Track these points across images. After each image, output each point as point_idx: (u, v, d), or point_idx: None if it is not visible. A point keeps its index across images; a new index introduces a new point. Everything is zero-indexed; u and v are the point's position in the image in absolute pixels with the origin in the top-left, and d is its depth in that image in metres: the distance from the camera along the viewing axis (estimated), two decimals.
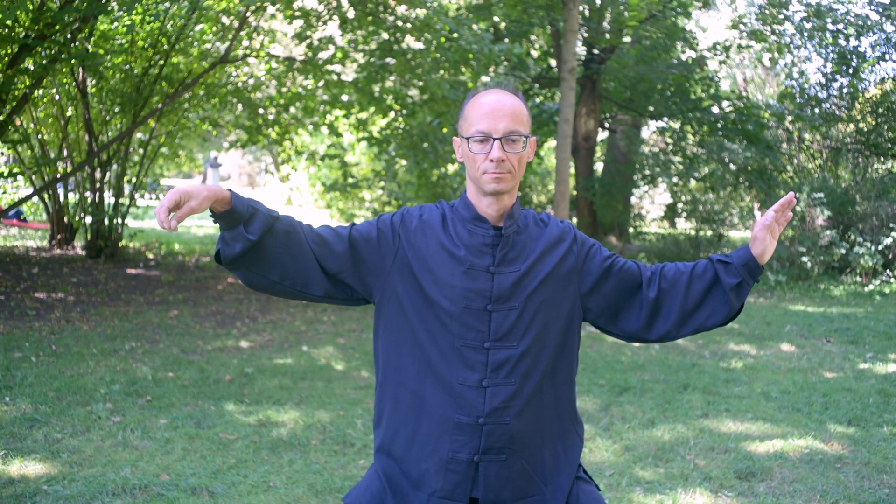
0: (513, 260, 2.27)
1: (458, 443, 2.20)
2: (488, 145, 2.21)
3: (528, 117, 2.26)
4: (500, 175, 2.22)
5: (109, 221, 15.30)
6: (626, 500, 4.50)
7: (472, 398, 2.19)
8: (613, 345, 8.72)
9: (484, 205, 2.28)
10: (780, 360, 8.14)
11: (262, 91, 15.76)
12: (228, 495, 4.45)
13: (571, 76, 11.15)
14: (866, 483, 4.78)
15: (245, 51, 14.31)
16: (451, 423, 2.20)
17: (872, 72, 20.36)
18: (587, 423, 5.89)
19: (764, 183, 17.05)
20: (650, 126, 21.76)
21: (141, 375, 6.89)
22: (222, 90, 15.18)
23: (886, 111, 19.02)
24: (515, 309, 2.23)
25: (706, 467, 5.03)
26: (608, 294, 2.37)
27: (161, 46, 13.96)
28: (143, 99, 14.44)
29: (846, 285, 14.36)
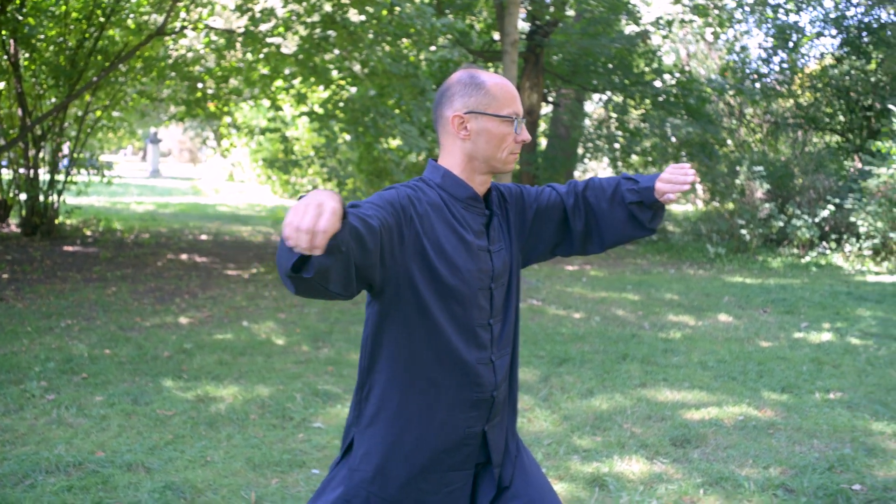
0: (496, 237, 2.34)
1: (473, 418, 2.26)
2: (516, 126, 2.27)
3: None
4: (515, 156, 2.31)
5: (45, 198, 14.97)
6: (564, 468, 4.54)
7: (487, 374, 2.26)
8: (554, 317, 8.78)
9: (478, 183, 2.30)
10: (718, 330, 8.27)
11: (200, 64, 15.49)
12: (165, 471, 4.40)
13: (514, 49, 11.13)
14: (797, 448, 4.88)
15: (183, 23, 14.05)
16: (468, 402, 2.24)
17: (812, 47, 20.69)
18: (527, 395, 5.93)
19: (705, 156, 17.24)
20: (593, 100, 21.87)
21: (77, 353, 6.77)
22: (160, 64, 14.89)
23: (825, 86, 19.34)
24: (504, 284, 2.34)
25: (642, 435, 5.09)
26: (542, 237, 2.49)
27: (96, 18, 13.64)
28: (77, 72, 14.11)
29: (783, 257, 14.63)
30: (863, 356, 7.17)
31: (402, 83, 12.85)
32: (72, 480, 4.23)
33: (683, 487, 4.26)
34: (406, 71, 12.62)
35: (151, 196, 26.67)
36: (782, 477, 4.41)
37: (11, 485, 4.19)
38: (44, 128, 14.60)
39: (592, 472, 4.48)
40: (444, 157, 2.31)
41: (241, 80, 15.36)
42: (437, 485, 2.24)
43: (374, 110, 13.22)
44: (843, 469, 4.51)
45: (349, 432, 2.31)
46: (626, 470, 4.52)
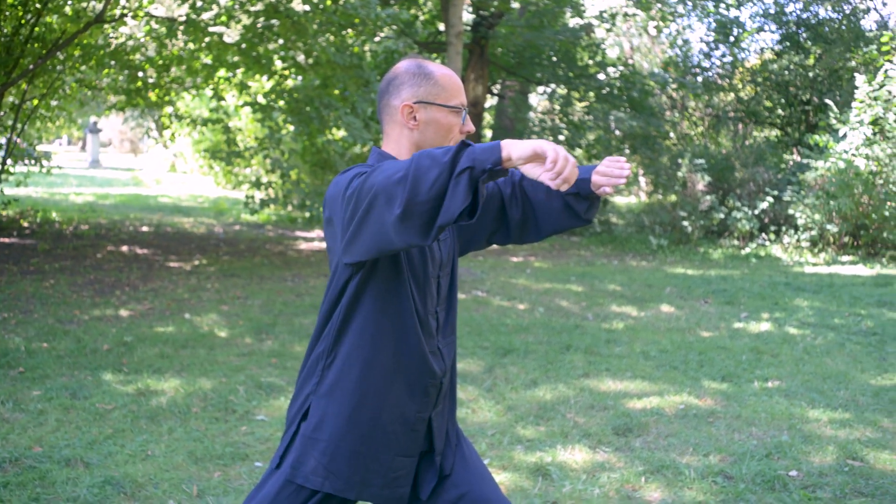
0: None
1: (424, 404, 2.27)
2: (461, 117, 2.29)
3: None
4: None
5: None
6: (507, 458, 4.57)
7: (437, 361, 2.29)
8: (499, 308, 8.82)
9: None
10: (660, 320, 8.38)
11: (141, 53, 15.23)
12: (104, 465, 4.33)
13: (458, 41, 11.12)
14: (736, 436, 4.97)
15: (122, 10, 13.80)
16: (422, 387, 2.25)
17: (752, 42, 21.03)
18: (471, 386, 5.95)
19: (648, 149, 17.43)
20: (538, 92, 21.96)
21: (13, 346, 6.63)
22: (99, 52, 14.60)
23: (765, 81, 19.68)
24: (448, 273, 2.36)
25: (585, 424, 5.14)
26: (480, 226, 2.49)
27: (32, 4, 13.33)
28: (13, 60, 13.77)
29: (724, 248, 14.87)
30: (800, 345, 7.32)
31: (347, 74, 12.77)
32: (8, 476, 4.14)
33: (625, 476, 4.31)
34: (350, 62, 12.55)
35: (91, 187, 26.17)
36: (721, 464, 4.49)
37: None
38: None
39: (536, 461, 4.51)
40: (389, 146, 2.31)
41: (182, 69, 15.13)
42: (385, 468, 2.24)
43: (317, 101, 13.12)
44: (781, 456, 4.60)
45: (306, 399, 2.28)
46: (569, 459, 4.56)
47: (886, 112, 13.58)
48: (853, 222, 14.12)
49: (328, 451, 2.22)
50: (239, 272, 10.82)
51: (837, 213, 13.91)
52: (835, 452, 4.66)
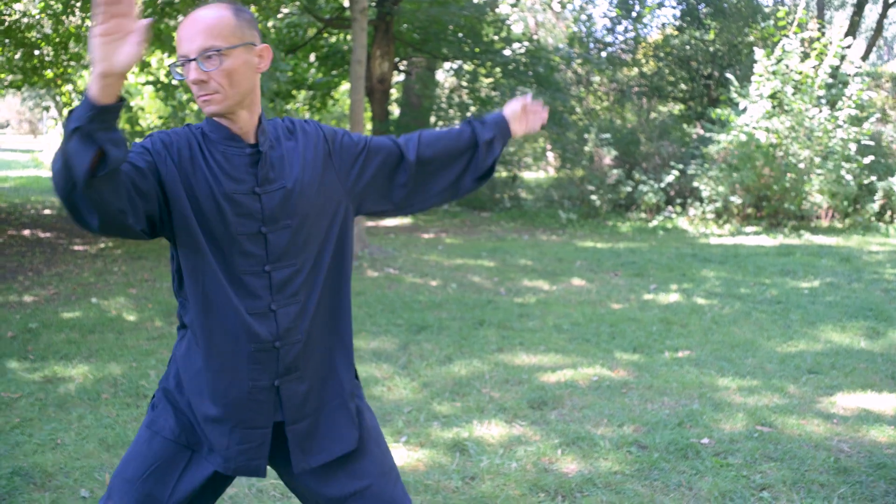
0: (275, 178, 2.16)
1: (257, 371, 2.14)
2: (188, 68, 2.06)
3: (235, 27, 2.08)
4: (207, 97, 2.07)
5: None
6: (424, 434, 4.54)
7: (264, 325, 2.14)
8: (412, 286, 8.78)
9: (242, 120, 2.14)
10: (571, 294, 8.46)
11: (37, 30, 14.66)
12: (12, 456, 4.17)
13: (363, 16, 10.98)
14: (649, 405, 5.04)
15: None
16: (245, 353, 2.13)
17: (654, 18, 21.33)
18: (385, 363, 5.90)
19: (555, 125, 17.57)
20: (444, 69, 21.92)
21: None
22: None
23: (667, 56, 20.01)
24: (289, 227, 2.16)
25: (501, 399, 5.14)
26: (372, 179, 2.34)
27: None
28: None
29: (632, 221, 15.11)
30: (708, 315, 7.47)
31: None
32: None
33: (542, 448, 4.33)
34: None
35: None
36: (635, 434, 4.54)
37: None
38: None
39: (453, 437, 4.50)
40: None
41: (81, 45, 14.62)
42: (227, 437, 2.17)
43: None
44: (692, 424, 4.68)
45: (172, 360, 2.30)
46: (485, 434, 4.56)
47: (784, 86, 13.94)
48: (755, 194, 14.49)
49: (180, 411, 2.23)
50: (146, 254, 10.53)
51: (740, 185, 14.26)
52: (744, 419, 4.76)
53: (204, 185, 2.10)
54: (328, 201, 2.23)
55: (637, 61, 20.41)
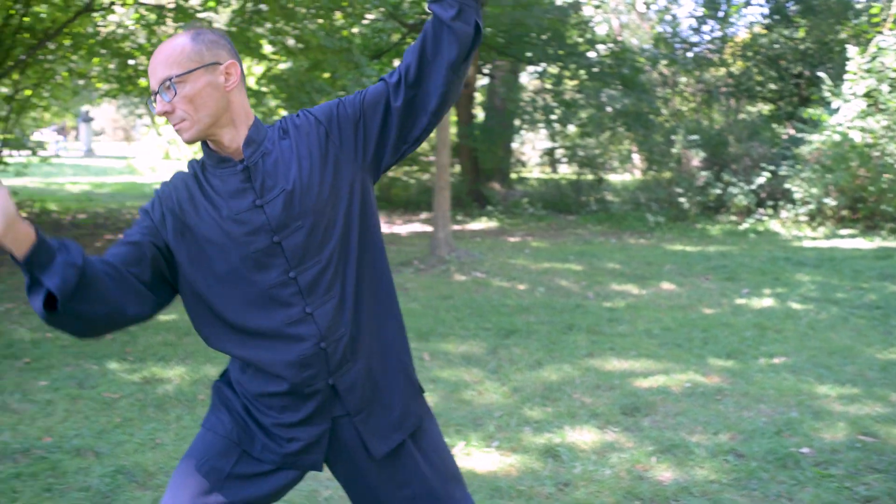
0: (273, 185, 2.12)
1: (309, 376, 2.12)
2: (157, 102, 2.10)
3: (192, 51, 2.06)
4: (177, 126, 2.09)
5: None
6: (516, 439, 4.54)
7: (304, 330, 2.10)
8: (499, 289, 8.78)
9: (226, 139, 2.14)
10: (661, 298, 8.35)
11: (131, 41, 15.12)
12: (114, 455, 4.30)
13: None
14: (745, 413, 4.94)
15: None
16: (293, 363, 2.11)
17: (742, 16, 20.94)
18: (475, 367, 5.91)
19: (641, 126, 17.38)
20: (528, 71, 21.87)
21: (18, 337, 6.60)
22: (89, 41, 14.49)
23: (755, 55, 19.61)
24: (302, 227, 2.11)
25: (593, 404, 5.11)
26: (381, 134, 2.21)
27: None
28: (4, 51, 13.65)
29: (722, 224, 14.84)
30: (804, 320, 7.29)
31: (337, 57, 12.67)
32: (20, 467, 4.12)
33: (636, 455, 4.29)
34: (340, 45, 12.44)
35: (86, 176, 26.09)
36: (732, 442, 4.45)
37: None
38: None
39: (545, 442, 4.48)
40: None
41: None
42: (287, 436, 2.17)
43: (308, 85, 13.02)
44: (791, 433, 4.57)
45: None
46: (578, 440, 4.53)
47: (880, 84, 13.53)
48: (850, 195, 14.09)
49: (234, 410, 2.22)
50: None
51: (834, 186, 13.88)
52: (846, 428, 4.63)
53: (208, 219, 2.11)
54: (339, 187, 2.16)
55: (724, 61, 20.03)
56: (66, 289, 1.86)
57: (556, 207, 17.95)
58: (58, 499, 3.82)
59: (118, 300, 2.01)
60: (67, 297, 1.87)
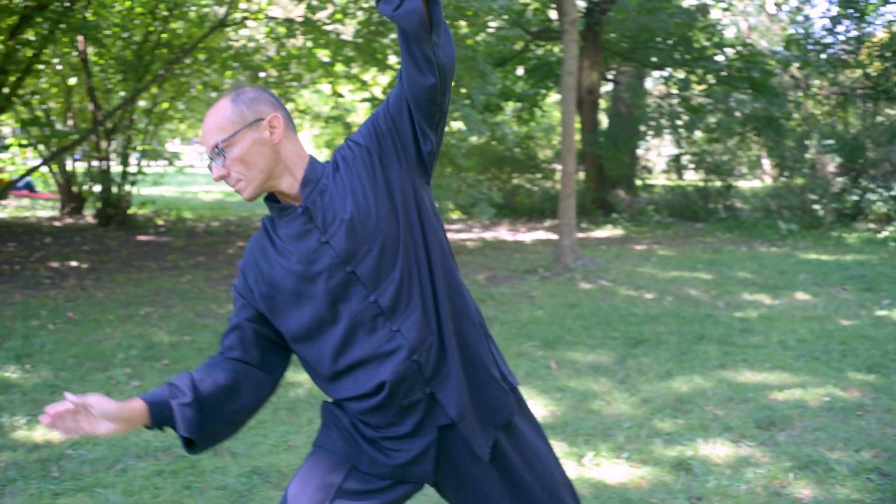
0: (332, 219, 2.15)
1: (405, 390, 2.15)
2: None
3: (233, 114, 2.13)
4: (236, 187, 2.18)
5: (118, 189, 15.29)
6: (647, 451, 4.51)
7: (395, 347, 2.13)
8: (626, 298, 8.70)
9: (284, 188, 2.20)
10: (796, 308, 8.12)
11: (261, 54, 15.65)
12: (249, 455, 4.48)
13: (573, 28, 11.01)
14: (889, 430, 4.77)
15: (243, 14, 14.19)
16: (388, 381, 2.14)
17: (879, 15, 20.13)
18: (603, 377, 5.89)
19: (772, 131, 16.91)
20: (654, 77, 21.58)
21: (157, 340, 6.92)
22: (222, 54, 15.07)
23: (894, 55, 18.81)
24: (371, 251, 2.13)
25: (726, 417, 5.02)
26: (413, 129, 2.18)
27: (160, 13, 13.84)
28: (144, 66, 14.34)
29: (859, 232, 14.27)
30: None
31: (462, 66, 12.79)
32: (161, 465, 4.33)
33: (772, 471, 4.20)
34: (465, 54, 12.55)
35: (219, 185, 27.04)
36: (875, 461, 4.31)
37: (104, 469, 4.31)
38: (114, 121, 14.88)
39: (676, 455, 4.44)
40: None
41: (302, 65, 15.46)
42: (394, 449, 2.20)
43: None
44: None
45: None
46: (711, 453, 4.47)
47: None
48: None
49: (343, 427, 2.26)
50: None
51: None
52: None
53: (282, 271, 2.18)
54: (394, 202, 2.17)
55: (860, 62, 19.26)
56: (192, 428, 2.10)
57: (682, 215, 17.64)
58: (197, 496, 4.00)
59: (246, 393, 2.21)
60: (196, 433, 2.11)
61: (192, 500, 3.95)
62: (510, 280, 10.03)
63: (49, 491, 4.03)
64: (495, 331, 7.28)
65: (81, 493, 4.01)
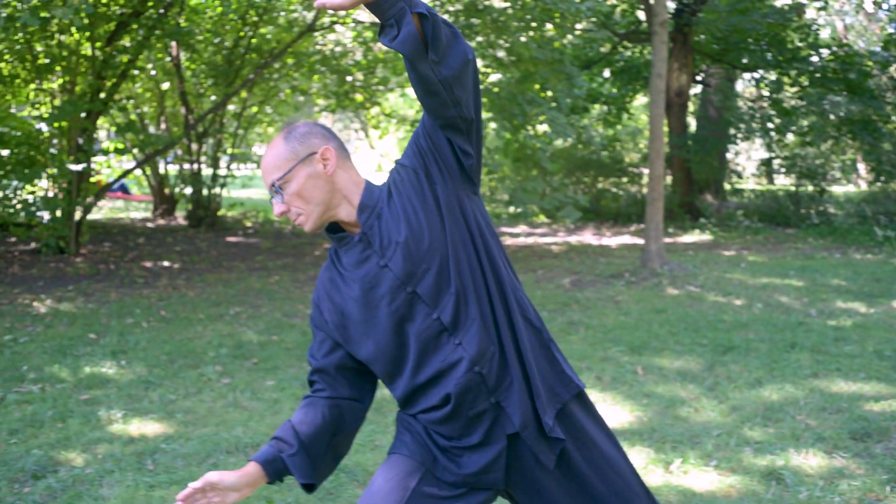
0: (389, 242, 2.17)
1: (468, 401, 2.17)
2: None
3: (287, 151, 2.19)
4: (297, 221, 2.23)
5: (208, 192, 15.66)
6: (736, 460, 4.42)
7: (457, 359, 2.15)
8: (714, 304, 8.55)
9: (343, 216, 2.24)
10: (893, 317, 7.85)
11: (348, 58, 15.85)
12: None
13: (663, 29, 10.87)
14: None
15: (332, 18, 14.37)
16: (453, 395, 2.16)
17: None
18: (691, 384, 5.79)
19: (868, 134, 16.42)
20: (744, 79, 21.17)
21: (246, 339, 7.06)
22: (310, 59, 15.31)
23: None
24: (429, 270, 2.16)
25: (818, 427, 4.89)
26: (450, 143, 2.18)
27: (250, 18, 14.13)
28: (234, 71, 14.66)
29: None
30: None
31: (548, 69, 12.73)
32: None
33: (868, 484, 4.07)
34: (552, 56, 12.50)
35: None
36: None
37: (196, 463, 4.41)
38: (205, 125, 15.25)
39: (767, 464, 4.34)
40: None
41: (388, 68, 15.60)
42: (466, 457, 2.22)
43: (520, 97, 13.14)
44: None
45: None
46: (803, 463, 4.36)
47: None
48: None
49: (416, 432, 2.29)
50: None
51: None
52: None
53: (349, 301, 2.22)
54: (444, 219, 2.17)
55: None
56: (306, 474, 2.27)
57: (773, 220, 17.24)
58: (286, 492, 4.06)
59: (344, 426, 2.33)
60: (312, 476, 2.28)
61: (281, 496, 4.01)
62: (595, 284, 9.95)
63: (144, 483, 4.15)
64: (580, 335, 7.23)
65: (175, 486, 4.11)
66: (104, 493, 4.05)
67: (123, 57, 11.90)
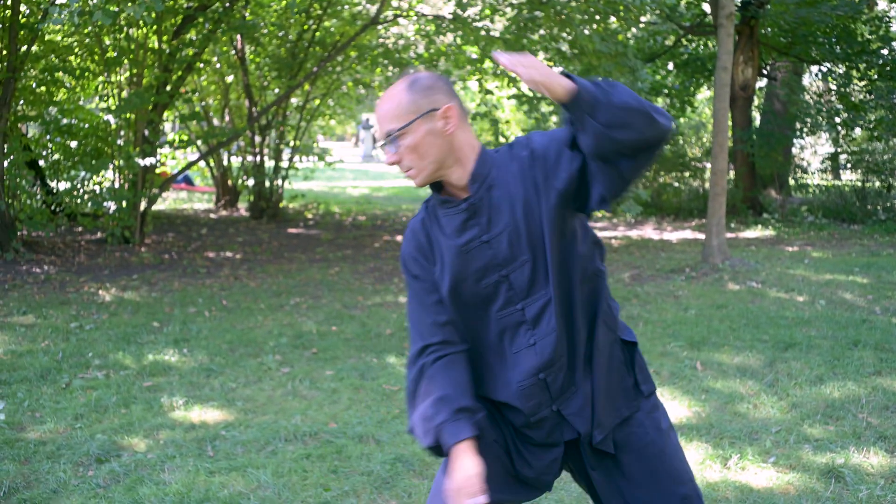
0: (498, 220, 2.14)
1: (535, 405, 2.18)
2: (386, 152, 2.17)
3: (409, 103, 2.10)
4: (407, 174, 2.16)
5: (270, 183, 15.86)
6: (795, 457, 4.37)
7: (529, 358, 2.15)
8: (776, 300, 8.44)
9: (453, 179, 2.18)
10: None
11: (411, 51, 15.91)
12: (393, 443, 4.58)
13: (729, 22, 10.72)
14: None
15: (395, 11, 14.45)
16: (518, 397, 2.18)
17: None
18: (751, 380, 5.74)
19: None
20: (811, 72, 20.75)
21: (306, 329, 7.16)
22: (373, 52, 15.40)
23: None
24: (528, 261, 2.13)
25: (881, 426, 4.81)
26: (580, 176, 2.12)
27: (314, 11, 14.26)
28: (298, 64, 14.82)
29: None
30: None
31: (612, 62, 12.65)
32: (309, 449, 4.49)
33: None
34: (615, 49, 12.41)
35: (365, 180, 27.71)
36: None
37: (256, 450, 4.50)
38: (268, 117, 15.44)
39: (826, 462, 4.29)
40: None
41: (450, 62, 15.63)
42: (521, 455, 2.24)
43: None
44: None
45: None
46: (863, 462, 4.30)
47: None
48: None
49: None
50: None
51: None
52: None
53: (449, 255, 2.19)
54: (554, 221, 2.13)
55: None
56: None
57: (838, 216, 16.91)
58: (343, 480, 4.12)
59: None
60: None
61: (338, 484, 4.07)
62: (655, 279, 9.88)
63: (205, 469, 4.24)
64: (639, 330, 7.19)
65: (234, 473, 4.20)
66: (165, 477, 4.16)
67: (189, 50, 12.12)
